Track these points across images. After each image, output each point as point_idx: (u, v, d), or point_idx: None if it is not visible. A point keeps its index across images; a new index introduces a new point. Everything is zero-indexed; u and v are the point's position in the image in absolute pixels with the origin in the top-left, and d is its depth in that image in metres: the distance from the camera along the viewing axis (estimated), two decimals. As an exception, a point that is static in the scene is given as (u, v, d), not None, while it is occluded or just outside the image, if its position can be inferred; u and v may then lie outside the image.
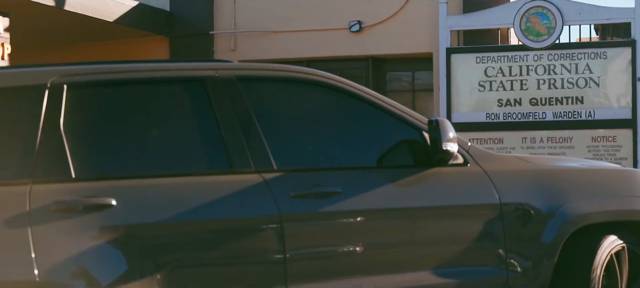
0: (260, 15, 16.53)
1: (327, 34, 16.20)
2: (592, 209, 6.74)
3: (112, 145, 5.56)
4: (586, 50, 15.20)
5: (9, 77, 5.46)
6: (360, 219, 6.02)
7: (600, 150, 14.93)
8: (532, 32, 15.05)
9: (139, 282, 5.18)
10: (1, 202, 5.05)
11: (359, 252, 5.96)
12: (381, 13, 15.96)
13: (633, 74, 14.92)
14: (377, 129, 6.39)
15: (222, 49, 16.58)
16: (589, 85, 15.02)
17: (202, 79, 5.79)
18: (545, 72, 15.08)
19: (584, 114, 14.99)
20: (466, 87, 15.34)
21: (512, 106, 15.16)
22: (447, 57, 15.22)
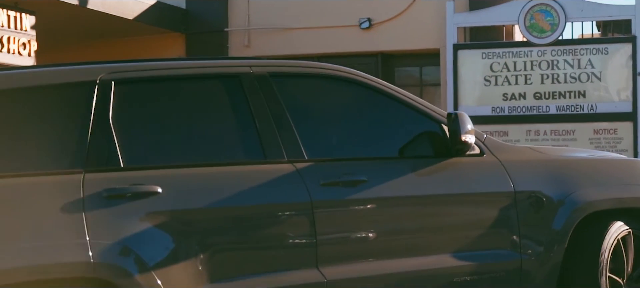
0: (273, 13, 16.63)
1: (337, 30, 16.34)
2: (600, 197, 6.87)
3: (157, 137, 5.74)
4: (588, 46, 15.38)
5: (61, 74, 5.67)
6: (385, 206, 6.17)
7: (602, 143, 15.04)
8: (536, 29, 15.19)
9: (183, 263, 5.38)
10: (58, 190, 5.24)
11: (383, 236, 6.13)
12: (390, 10, 16.09)
13: (633, 69, 15.05)
14: (400, 121, 6.54)
15: (236, 45, 16.71)
16: (590, 79, 15.16)
17: (238, 75, 5.98)
18: (549, 67, 15.20)
19: (586, 108, 15.14)
20: (472, 81, 15.47)
21: (516, 100, 15.29)
22: (454, 52, 15.36)
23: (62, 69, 5.78)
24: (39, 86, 5.55)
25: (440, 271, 6.32)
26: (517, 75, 15.37)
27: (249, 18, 16.69)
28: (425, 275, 6.27)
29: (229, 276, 5.55)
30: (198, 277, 5.47)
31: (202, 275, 5.49)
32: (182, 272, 5.44)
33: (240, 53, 16.77)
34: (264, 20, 16.69)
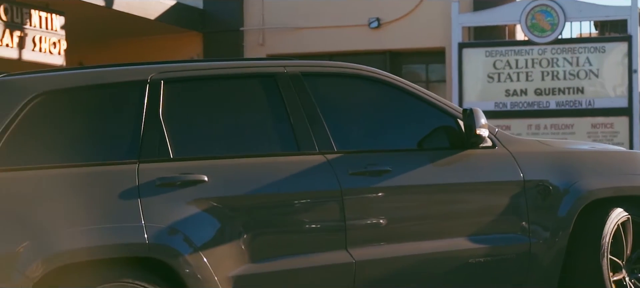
0: (286, 13, 16.77)
1: (348, 30, 16.49)
2: (601, 186, 7.06)
3: (202, 130, 6.01)
4: (586, 44, 15.56)
5: (115, 74, 5.96)
6: (407, 193, 6.41)
7: (599, 136, 15.27)
8: (537, 28, 15.36)
9: (227, 244, 5.67)
10: (116, 179, 5.55)
11: (405, 221, 6.39)
12: (398, 11, 16.26)
13: (629, 66, 15.24)
14: (418, 116, 6.76)
15: (251, 44, 16.90)
16: (588, 76, 15.33)
17: (273, 75, 6.25)
18: (549, 64, 15.37)
19: (584, 103, 15.33)
20: (476, 78, 15.64)
21: (518, 96, 15.50)
22: (459, 51, 15.52)
23: (116, 69, 6.05)
24: (98, 85, 5.84)
25: (457, 253, 6.52)
26: (519, 72, 15.52)
27: (264, 18, 16.82)
28: (444, 257, 6.48)
29: (268, 256, 5.80)
30: (240, 256, 5.73)
31: (244, 255, 5.74)
32: (226, 252, 5.70)
33: (255, 51, 16.96)
34: (277, 20, 16.82)
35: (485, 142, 6.74)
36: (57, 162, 5.54)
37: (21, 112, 5.47)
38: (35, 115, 5.54)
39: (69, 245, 5.29)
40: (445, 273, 6.59)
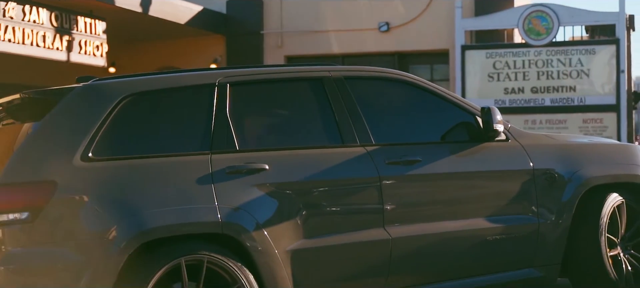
0: (303, 17, 16.94)
1: (360, 33, 16.68)
2: (599, 174, 7.41)
3: (261, 126, 6.47)
4: (578, 47, 15.74)
5: (189, 78, 6.36)
6: (435, 180, 6.78)
7: (590, 130, 15.38)
8: (533, 32, 15.55)
9: (284, 223, 6.07)
10: (193, 168, 5.95)
11: (434, 204, 6.77)
12: (406, 16, 16.44)
13: (617, 67, 15.40)
14: (443, 113, 7.12)
15: (271, 46, 17.04)
16: (580, 76, 15.51)
17: (320, 78, 6.64)
18: (544, 65, 15.54)
19: (576, 100, 15.51)
20: (477, 77, 15.81)
21: (516, 94, 15.68)
22: (462, 52, 15.73)
23: (189, 74, 6.44)
24: (175, 87, 6.25)
25: (477, 231, 6.88)
26: (517, 72, 15.65)
27: (282, 22, 16.92)
28: (465, 235, 6.83)
29: (318, 234, 6.20)
30: (296, 233, 6.13)
31: (299, 232, 6.14)
32: (284, 229, 6.09)
33: (274, 53, 17.06)
34: (295, 24, 16.92)
35: (500, 136, 7.04)
36: (143, 153, 5.91)
37: (113, 111, 5.85)
38: (124, 114, 5.91)
39: (157, 223, 5.66)
40: (466, 249, 6.87)
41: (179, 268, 5.71)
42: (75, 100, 5.90)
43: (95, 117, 5.81)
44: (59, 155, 5.66)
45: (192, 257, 5.75)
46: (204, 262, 5.75)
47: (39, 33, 11.80)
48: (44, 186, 5.53)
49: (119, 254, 5.54)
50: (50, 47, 12.00)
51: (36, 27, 11.75)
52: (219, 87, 6.28)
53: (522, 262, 7.16)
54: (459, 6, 15.77)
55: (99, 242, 5.56)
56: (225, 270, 5.84)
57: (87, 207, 5.62)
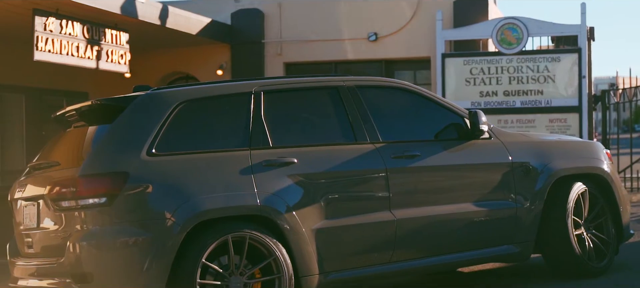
0: (300, 28, 16.78)
1: (351, 42, 16.60)
2: (566, 166, 7.95)
3: (290, 127, 6.91)
4: (545, 55, 15.70)
5: (230, 87, 6.90)
6: (431, 171, 7.28)
7: (555, 129, 15.39)
8: (505, 42, 15.54)
9: (310, 206, 6.58)
10: (236, 161, 6.47)
11: (430, 191, 7.26)
12: (392, 27, 16.40)
13: (579, 73, 15.45)
14: (437, 116, 7.59)
15: (271, 53, 16.90)
16: (547, 81, 15.52)
17: (337, 87, 7.17)
18: (515, 71, 15.52)
19: (543, 102, 15.51)
20: (456, 82, 15.70)
21: (490, 96, 15.63)
22: (442, 60, 15.66)
23: (230, 84, 7.00)
24: (219, 95, 6.80)
25: (466, 214, 7.40)
26: (491, 77, 15.57)
27: (281, 32, 16.73)
28: (456, 217, 7.34)
29: (337, 215, 6.73)
30: (319, 215, 6.64)
31: (321, 213, 6.66)
32: (310, 212, 6.62)
33: (274, 60, 16.81)
34: (293, 34, 16.69)
35: (484, 135, 7.57)
36: (196, 149, 6.46)
37: (170, 115, 6.43)
38: (179, 117, 6.48)
39: (209, 206, 6.23)
40: (458, 229, 7.39)
41: (226, 243, 6.26)
42: (140, 106, 6.50)
43: (156, 119, 6.37)
44: (129, 151, 6.23)
45: (237, 234, 6.30)
46: (246, 238, 6.32)
47: (73, 44, 11.96)
48: (118, 176, 6.09)
49: (179, 232, 6.09)
50: (82, 56, 12.11)
51: (71, 39, 11.90)
52: (255, 95, 6.81)
53: (502, 239, 7.61)
54: (440, 19, 15.73)
55: (163, 221, 6.08)
56: (263, 245, 6.38)
57: (153, 193, 6.14)
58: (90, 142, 6.49)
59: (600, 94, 17.21)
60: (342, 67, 16.87)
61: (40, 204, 6.55)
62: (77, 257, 6.12)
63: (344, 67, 16.84)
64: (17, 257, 7.10)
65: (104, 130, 6.47)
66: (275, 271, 6.45)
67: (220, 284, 6.27)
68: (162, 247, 6.09)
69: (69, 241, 6.17)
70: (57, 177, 6.39)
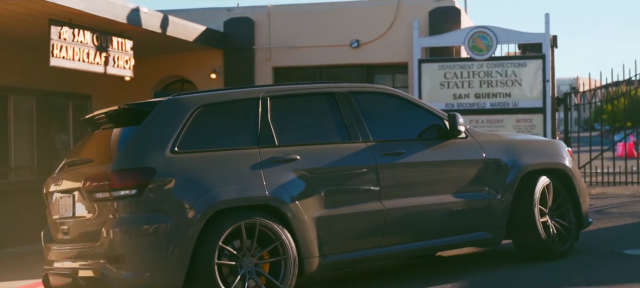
0: (288, 35, 16.94)
1: (335, 48, 16.79)
2: (533, 162, 8.42)
3: (294, 128, 7.34)
4: (512, 61, 16.01)
5: (241, 93, 7.32)
6: (415, 167, 7.74)
7: (522, 129, 15.66)
8: (476, 49, 15.82)
9: (311, 197, 7.04)
10: (247, 158, 6.90)
11: (414, 184, 7.72)
12: (373, 34, 16.58)
13: (543, 77, 15.74)
14: (420, 118, 8.04)
15: (261, 59, 17.06)
16: (514, 84, 15.80)
17: (333, 93, 7.63)
18: (485, 75, 15.83)
19: (510, 104, 15.77)
20: (431, 85, 15.95)
21: (462, 99, 15.90)
22: (419, 65, 15.91)
23: (241, 90, 7.43)
24: (232, 100, 7.25)
25: (446, 204, 7.86)
26: (463, 81, 15.83)
27: (270, 39, 16.92)
28: (437, 207, 7.81)
29: (334, 205, 7.19)
30: (319, 204, 7.10)
31: (321, 203, 7.11)
32: (311, 202, 7.07)
33: (263, 65, 16.97)
34: (281, 41, 16.86)
35: (462, 134, 8.05)
36: (213, 148, 6.92)
37: (190, 118, 6.88)
38: (197, 120, 6.93)
39: (225, 197, 6.69)
40: (439, 217, 7.86)
41: (239, 229, 6.75)
42: (163, 110, 6.99)
43: (178, 122, 6.86)
44: (155, 149, 6.71)
45: (248, 221, 6.78)
46: (256, 224, 6.81)
47: (84, 51, 12.27)
48: (146, 171, 6.58)
49: (199, 220, 6.57)
50: (92, 61, 12.41)
51: (82, 46, 12.21)
52: (262, 100, 7.27)
53: (477, 226, 8.08)
54: (416, 27, 15.97)
55: (186, 211, 6.56)
56: (271, 230, 6.87)
57: (176, 186, 6.62)
58: (121, 142, 6.93)
59: (563, 96, 17.63)
60: (327, 71, 17.10)
61: (75, 196, 7.02)
62: (110, 241, 6.59)
63: (328, 71, 17.08)
64: (51, 242, 7.55)
65: (133, 131, 6.91)
66: (282, 253, 6.92)
67: (234, 264, 6.76)
68: (185, 232, 6.56)
69: (103, 228, 6.63)
70: (91, 172, 6.85)
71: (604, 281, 7.29)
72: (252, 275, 6.82)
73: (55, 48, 11.79)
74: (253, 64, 17.28)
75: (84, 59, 12.47)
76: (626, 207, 13.85)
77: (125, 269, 6.52)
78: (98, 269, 6.66)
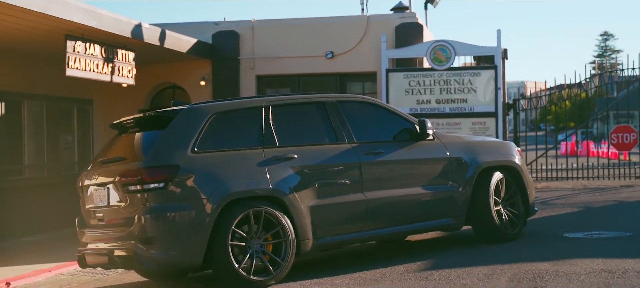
0: (270, 46, 17.33)
1: (312, 59, 17.17)
2: (489, 159, 9.07)
3: (290, 131, 7.96)
4: (468, 71, 16.50)
5: (248, 102, 7.95)
6: (391, 164, 8.39)
7: (477, 130, 16.20)
8: (437, 60, 16.29)
9: (306, 189, 7.69)
10: (254, 157, 7.50)
11: (390, 178, 8.37)
12: (345, 47, 17.02)
13: (495, 85, 16.26)
14: (394, 123, 8.68)
15: (245, 68, 17.42)
16: (470, 92, 16.32)
17: (323, 102, 8.29)
18: (445, 84, 16.31)
19: (467, 109, 16.28)
20: (397, 92, 16.40)
21: (425, 104, 16.35)
22: (386, 74, 16.34)
23: (248, 100, 8.08)
24: (241, 108, 7.89)
25: (417, 195, 8.50)
26: (425, 88, 16.30)
27: (254, 50, 17.31)
28: (410, 197, 8.46)
29: (325, 196, 7.86)
30: (312, 195, 7.76)
31: (314, 194, 7.78)
32: (306, 193, 7.74)
33: (247, 74, 17.33)
34: (263, 51, 17.24)
35: (430, 137, 8.69)
36: (226, 148, 7.58)
37: (206, 124, 7.55)
38: (212, 125, 7.59)
39: (237, 189, 7.37)
40: (411, 205, 8.49)
41: (248, 216, 7.45)
42: (184, 116, 7.71)
43: (196, 126, 7.58)
44: (178, 149, 7.41)
45: (255, 209, 7.46)
46: (262, 212, 7.50)
47: (93, 62, 12.69)
48: (172, 168, 7.27)
49: (216, 208, 7.25)
50: (100, 71, 12.90)
51: (92, 58, 12.65)
52: (265, 108, 7.92)
53: (442, 214, 8.73)
54: (384, 41, 16.37)
55: (204, 200, 7.24)
56: (274, 217, 7.55)
57: (196, 180, 7.31)
58: (149, 143, 7.64)
59: (512, 102, 18.25)
60: (304, 79, 17.57)
61: (109, 188, 7.74)
62: (142, 226, 7.31)
63: (305, 79, 17.54)
64: (85, 228, 8.28)
65: (159, 134, 7.64)
66: (283, 236, 7.64)
67: (244, 245, 7.48)
68: (204, 218, 7.26)
69: (135, 215, 7.35)
70: (124, 169, 7.56)
71: (547, 257, 8.00)
72: (258, 254, 7.53)
73: (70, 60, 12.32)
74: (238, 73, 17.63)
75: (93, 69, 12.95)
76: (567, 199, 14.62)
77: (154, 249, 7.20)
78: (131, 249, 7.34)
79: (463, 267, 7.63)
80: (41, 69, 15.24)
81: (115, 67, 13.70)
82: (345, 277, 7.72)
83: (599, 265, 7.39)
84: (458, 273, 7.36)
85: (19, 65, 14.84)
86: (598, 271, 7.06)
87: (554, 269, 7.28)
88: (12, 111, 14.88)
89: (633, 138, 18.10)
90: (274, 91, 17.88)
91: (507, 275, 7.09)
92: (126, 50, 14.01)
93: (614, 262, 7.45)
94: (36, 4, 10.84)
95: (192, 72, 17.88)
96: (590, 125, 24.08)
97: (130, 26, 13.61)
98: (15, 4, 10.39)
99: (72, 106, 16.84)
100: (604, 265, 7.35)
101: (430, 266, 7.97)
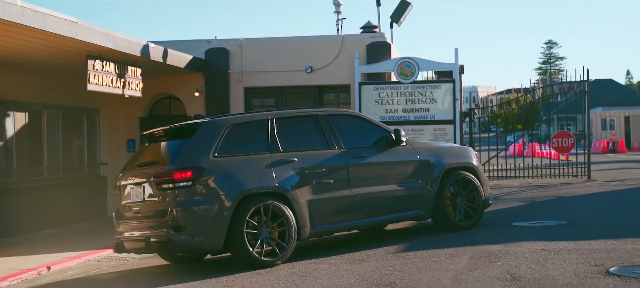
0: (256, 62, 17.91)
1: (293, 73, 17.77)
2: (452, 162, 9.93)
3: (291, 139, 8.76)
4: (430, 84, 17.15)
5: (258, 116, 8.72)
6: (372, 165, 9.22)
7: (438, 136, 16.81)
8: (403, 74, 16.97)
9: (305, 187, 8.50)
10: (262, 160, 8.33)
11: (372, 177, 9.18)
12: (323, 62, 17.65)
13: (453, 96, 16.90)
14: (374, 132, 9.50)
15: (235, 81, 17.93)
16: (432, 102, 16.97)
17: (317, 115, 9.11)
18: (410, 95, 16.99)
19: (429, 117, 16.91)
20: (368, 103, 16.99)
21: (392, 113, 16.97)
22: (359, 87, 16.93)
23: (258, 113, 8.88)
24: (251, 121, 8.71)
25: (393, 191, 9.32)
26: (393, 99, 16.97)
27: (242, 64, 17.88)
28: (387, 193, 9.26)
29: (320, 192, 8.67)
30: (309, 191, 8.58)
31: (311, 191, 8.59)
32: (304, 190, 8.57)
33: (237, 86, 17.85)
34: (251, 66, 17.84)
35: (403, 143, 9.54)
36: (240, 153, 8.42)
37: (224, 134, 8.40)
38: (229, 134, 8.44)
39: (249, 186, 8.23)
40: (388, 200, 9.29)
41: (259, 209, 8.31)
42: (206, 128, 8.65)
43: (216, 135, 8.49)
44: (203, 154, 8.30)
45: (265, 203, 8.33)
46: (270, 205, 8.38)
47: (109, 78, 13.41)
48: (198, 169, 8.15)
49: (233, 202, 8.13)
50: (114, 86, 13.59)
51: (108, 74, 13.32)
52: (271, 120, 8.79)
53: (414, 206, 9.59)
54: (357, 57, 17.01)
55: (224, 196, 8.12)
56: (279, 209, 8.42)
57: (217, 179, 8.19)
58: (178, 149, 8.55)
59: (468, 111, 19.10)
60: (287, 91, 18.16)
61: (145, 186, 8.69)
62: (174, 216, 8.25)
63: (288, 90, 18.13)
64: (121, 219, 9.25)
65: (186, 142, 8.58)
66: (286, 225, 8.52)
67: (256, 232, 8.39)
68: (224, 211, 8.15)
69: (168, 207, 8.32)
70: (158, 170, 8.48)
71: (499, 241, 8.92)
72: (267, 240, 8.43)
73: (90, 77, 13.12)
74: (228, 85, 18.10)
75: (109, 84, 13.70)
76: (515, 194, 15.53)
77: (185, 235, 8.07)
78: (165, 235, 8.28)
79: (433, 249, 8.49)
80: (59, 82, 15.96)
81: (126, 82, 14.43)
82: (337, 257, 8.61)
83: (539, 246, 8.32)
84: (429, 254, 8.21)
85: (41, 79, 15.59)
86: (539, 250, 8.06)
87: (505, 249, 8.15)
88: (34, 120, 15.65)
89: (571, 142, 19.13)
90: (260, 101, 18.46)
91: (468, 254, 8.03)
92: (135, 67, 14.73)
93: (552, 244, 8.46)
94: (66, 30, 11.72)
95: (187, 84, 18.39)
96: (537, 127, 24.67)
97: (140, 46, 14.46)
98: (49, 30, 11.28)
99: (82, 114, 17.61)
100: (543, 246, 8.28)
101: (406, 248, 8.84)
